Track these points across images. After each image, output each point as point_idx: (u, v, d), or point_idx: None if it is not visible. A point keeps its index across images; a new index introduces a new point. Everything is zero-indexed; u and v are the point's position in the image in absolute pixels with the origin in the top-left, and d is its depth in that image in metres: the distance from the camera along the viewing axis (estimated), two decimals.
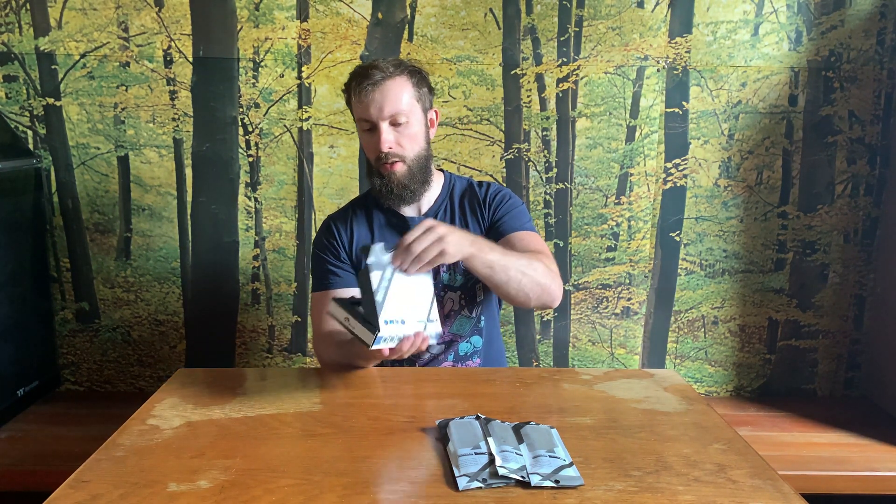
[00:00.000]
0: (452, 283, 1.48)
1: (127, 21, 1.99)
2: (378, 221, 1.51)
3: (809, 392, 2.21)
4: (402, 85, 1.39)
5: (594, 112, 2.07)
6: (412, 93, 1.41)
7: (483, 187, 1.54)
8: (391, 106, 1.37)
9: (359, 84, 1.38)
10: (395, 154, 1.40)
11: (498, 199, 1.51)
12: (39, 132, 2.03)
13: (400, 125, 1.39)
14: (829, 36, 2.03)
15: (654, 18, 2.02)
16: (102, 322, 2.14)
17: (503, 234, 1.46)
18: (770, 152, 2.09)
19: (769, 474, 0.92)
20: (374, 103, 1.37)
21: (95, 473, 0.91)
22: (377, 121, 1.38)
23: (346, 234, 1.51)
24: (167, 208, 2.08)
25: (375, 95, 1.37)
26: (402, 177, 1.42)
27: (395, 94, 1.38)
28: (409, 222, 1.48)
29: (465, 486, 0.87)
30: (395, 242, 1.45)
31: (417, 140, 1.43)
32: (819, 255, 2.14)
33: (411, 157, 1.42)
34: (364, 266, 1.14)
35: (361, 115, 1.40)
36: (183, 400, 1.17)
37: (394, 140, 1.39)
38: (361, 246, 1.44)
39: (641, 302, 2.17)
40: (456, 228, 1.23)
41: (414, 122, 1.41)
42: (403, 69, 1.41)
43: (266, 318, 2.15)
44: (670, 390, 1.24)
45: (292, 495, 0.86)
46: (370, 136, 1.42)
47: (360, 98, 1.38)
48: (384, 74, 1.38)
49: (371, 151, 1.43)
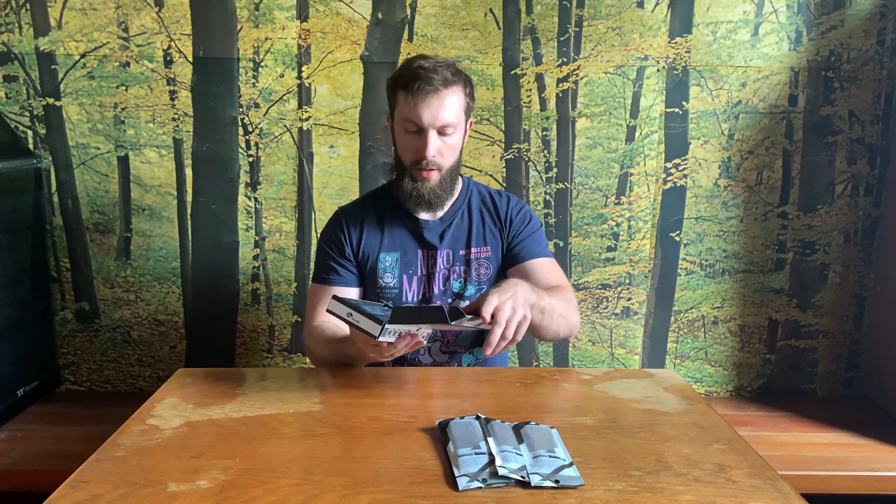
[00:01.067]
0: (462, 292, 1.47)
1: (127, 21, 1.99)
2: (390, 223, 1.48)
3: (809, 392, 2.21)
4: (458, 94, 1.36)
5: (594, 112, 2.07)
6: (463, 104, 1.38)
7: (504, 200, 1.51)
8: (445, 115, 1.34)
9: (419, 86, 1.32)
10: (435, 163, 1.37)
11: (519, 219, 1.49)
12: (39, 132, 2.03)
13: (446, 135, 1.36)
14: (829, 36, 2.03)
15: (654, 18, 2.02)
16: (102, 322, 2.14)
17: (522, 260, 1.44)
18: (770, 152, 2.09)
19: (769, 474, 0.92)
20: (430, 110, 1.32)
21: (95, 473, 0.91)
22: (427, 127, 1.34)
23: (355, 232, 1.47)
24: (167, 208, 2.08)
25: (433, 102, 1.32)
26: (436, 185, 1.39)
27: (451, 104, 1.34)
28: (422, 225, 1.46)
29: (465, 486, 0.87)
30: (405, 245, 1.45)
31: (456, 151, 1.40)
32: (819, 255, 2.14)
33: (447, 168, 1.39)
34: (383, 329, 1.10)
35: (410, 117, 1.35)
36: (183, 400, 1.17)
37: (438, 148, 1.36)
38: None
39: (641, 302, 2.17)
40: (519, 287, 1.18)
41: (458, 133, 1.39)
42: (460, 77, 1.37)
43: (266, 318, 2.15)
44: (670, 390, 1.24)
45: (292, 495, 0.86)
46: (414, 137, 1.37)
47: (416, 100, 1.33)
48: (445, 81, 1.33)
49: (409, 153, 1.39)
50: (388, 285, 1.45)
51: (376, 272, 1.45)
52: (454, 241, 1.46)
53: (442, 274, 1.46)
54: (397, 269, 1.45)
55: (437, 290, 1.45)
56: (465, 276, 1.46)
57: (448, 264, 1.46)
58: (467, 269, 1.46)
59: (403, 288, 1.45)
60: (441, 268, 1.46)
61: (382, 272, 1.45)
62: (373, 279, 1.46)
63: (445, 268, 1.46)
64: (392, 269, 1.45)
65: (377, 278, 1.45)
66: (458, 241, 1.47)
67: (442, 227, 1.46)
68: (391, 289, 1.45)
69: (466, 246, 1.47)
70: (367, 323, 1.10)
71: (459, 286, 1.46)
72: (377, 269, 1.45)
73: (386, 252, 1.45)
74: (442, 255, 1.45)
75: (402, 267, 1.45)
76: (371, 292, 1.47)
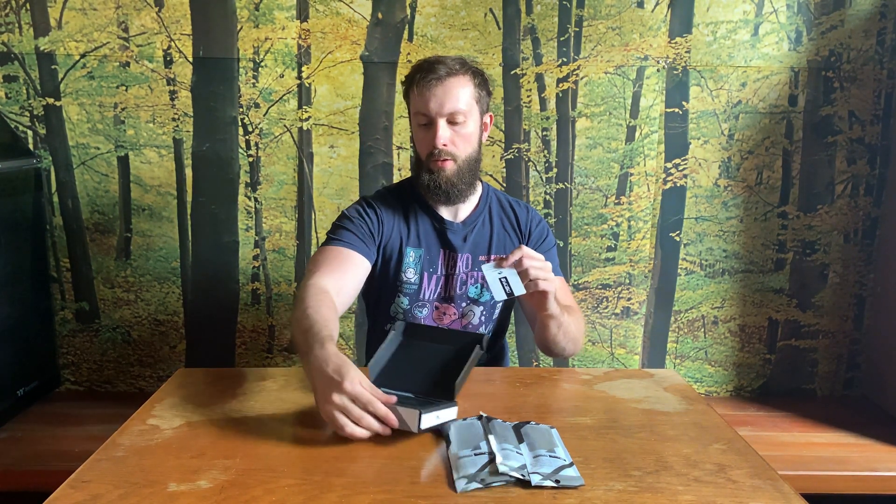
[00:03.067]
0: (478, 298, 1.47)
1: (127, 21, 1.99)
2: (416, 218, 1.46)
3: (809, 392, 2.21)
4: (465, 84, 1.37)
5: (594, 112, 2.07)
6: (473, 93, 1.38)
7: (524, 210, 1.52)
8: (451, 103, 1.35)
9: (423, 78, 1.35)
10: (447, 152, 1.37)
11: (537, 233, 1.51)
12: (39, 132, 2.03)
13: (457, 124, 1.36)
14: (829, 36, 2.03)
15: (654, 18, 2.02)
16: (102, 322, 2.14)
17: None
18: (770, 152, 2.09)
19: (769, 474, 0.92)
20: (436, 98, 1.34)
21: (95, 473, 0.91)
22: (435, 116, 1.35)
23: (386, 216, 1.44)
24: (167, 208, 2.08)
25: (437, 91, 1.34)
26: (452, 175, 1.39)
27: (457, 91, 1.35)
28: (446, 226, 1.45)
29: (464, 488, 0.87)
30: (429, 242, 1.44)
31: (471, 141, 1.40)
32: (819, 255, 2.14)
33: (462, 158, 1.39)
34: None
35: (420, 109, 1.37)
36: (183, 400, 1.16)
37: (449, 138, 1.36)
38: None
39: (641, 302, 2.17)
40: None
41: (470, 123, 1.38)
42: (468, 68, 1.39)
43: (266, 318, 2.15)
44: (670, 390, 1.24)
45: (292, 495, 0.86)
46: (425, 130, 1.38)
47: (422, 91, 1.35)
48: (449, 70, 1.35)
49: (424, 147, 1.40)
50: (410, 280, 1.44)
51: (400, 265, 1.44)
52: (475, 245, 1.46)
53: (460, 278, 1.45)
54: (420, 265, 1.44)
55: (455, 292, 1.45)
56: (482, 282, 1.45)
57: (467, 269, 1.46)
58: (485, 276, 1.45)
59: (423, 285, 1.44)
60: (460, 271, 1.45)
61: (406, 267, 1.44)
62: (395, 272, 1.44)
63: (464, 272, 1.45)
64: (415, 265, 1.44)
65: (400, 272, 1.44)
66: (478, 247, 1.47)
67: (465, 230, 1.46)
68: (411, 284, 1.44)
69: (487, 252, 1.47)
70: (407, 413, 0.99)
71: (476, 292, 1.46)
72: (402, 262, 1.44)
73: (412, 247, 1.45)
74: (462, 258, 1.45)
75: (424, 264, 1.45)
76: (390, 284, 1.45)
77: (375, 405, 0.96)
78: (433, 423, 1.01)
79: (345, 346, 2.17)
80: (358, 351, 2.17)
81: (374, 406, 0.95)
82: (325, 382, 0.97)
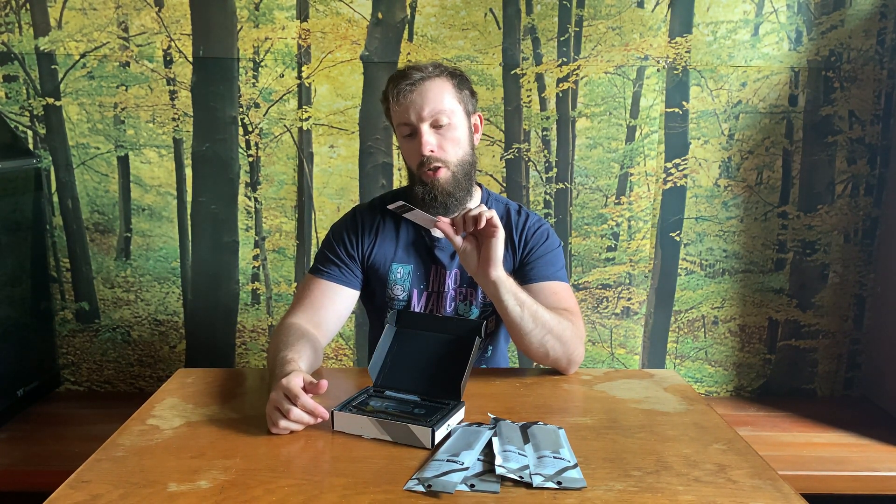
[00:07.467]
0: (465, 314, 1.41)
1: (127, 21, 1.99)
2: (406, 233, 1.41)
3: (809, 392, 2.21)
4: (442, 85, 1.30)
5: (594, 112, 2.07)
6: (453, 94, 1.31)
7: (521, 216, 1.43)
8: (431, 106, 1.28)
9: (396, 86, 1.29)
10: (437, 158, 1.29)
11: (536, 237, 1.41)
12: (39, 132, 2.03)
13: (442, 127, 1.29)
14: (829, 36, 2.03)
15: (654, 18, 2.02)
16: (102, 322, 2.14)
17: (532, 280, 1.36)
18: (770, 152, 2.09)
19: (769, 474, 0.92)
20: (414, 105, 1.28)
21: (95, 473, 0.91)
22: (417, 123, 1.28)
23: (369, 237, 1.41)
24: (167, 208, 2.08)
25: (414, 97, 1.28)
26: (447, 183, 1.31)
27: (435, 94, 1.28)
28: (436, 241, 1.39)
29: (408, 486, 0.86)
30: (417, 258, 1.39)
31: (460, 144, 1.32)
32: (819, 255, 2.14)
33: (455, 163, 1.31)
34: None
35: (401, 120, 1.30)
36: (183, 400, 1.16)
37: (436, 143, 1.29)
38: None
39: (641, 302, 2.17)
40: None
41: (457, 125, 1.31)
42: (442, 70, 1.32)
43: (266, 318, 2.15)
44: (670, 390, 1.24)
45: (292, 495, 0.86)
46: (411, 141, 1.31)
47: (399, 101, 1.29)
48: (423, 75, 1.29)
49: (412, 158, 1.33)
50: (398, 297, 1.40)
51: (387, 282, 1.40)
52: None
53: (449, 294, 1.40)
54: (408, 282, 1.40)
55: (445, 310, 1.40)
56: (470, 298, 1.40)
57: (456, 284, 1.41)
58: (473, 291, 1.40)
59: (412, 302, 1.40)
60: (449, 288, 1.40)
61: (393, 283, 1.40)
62: (383, 288, 1.41)
63: (453, 289, 1.41)
64: (402, 282, 1.40)
65: (387, 288, 1.40)
66: None
67: None
68: (400, 301, 1.40)
69: None
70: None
71: (463, 308, 1.41)
72: (387, 279, 1.40)
73: (399, 263, 1.40)
74: (451, 275, 1.40)
75: (413, 281, 1.40)
76: (380, 300, 1.42)
77: (302, 398, 1.01)
78: (445, 433, 1.01)
79: (345, 346, 2.17)
80: (358, 351, 2.17)
81: (301, 399, 1.01)
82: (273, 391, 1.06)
